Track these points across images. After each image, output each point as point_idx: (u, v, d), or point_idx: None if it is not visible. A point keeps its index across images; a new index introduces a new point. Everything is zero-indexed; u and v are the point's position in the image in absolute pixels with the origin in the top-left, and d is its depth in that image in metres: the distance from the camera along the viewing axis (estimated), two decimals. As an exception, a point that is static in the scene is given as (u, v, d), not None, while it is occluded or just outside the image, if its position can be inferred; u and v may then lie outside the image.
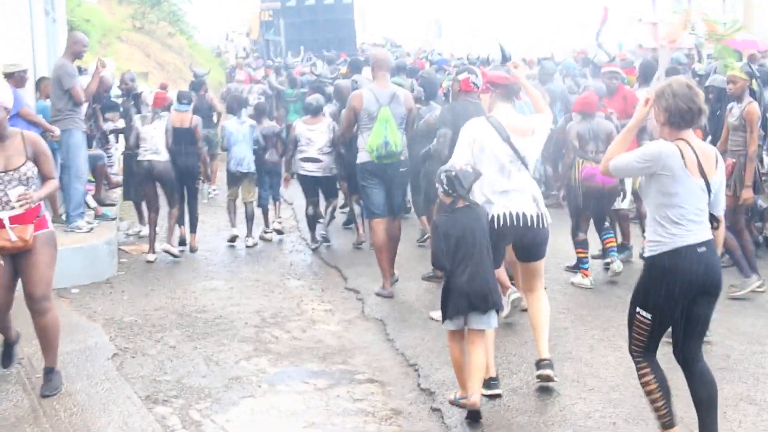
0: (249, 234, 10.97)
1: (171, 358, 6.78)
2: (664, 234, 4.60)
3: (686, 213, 4.57)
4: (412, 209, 10.98)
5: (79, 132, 9.80)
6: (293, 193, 13.10)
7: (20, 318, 6.33)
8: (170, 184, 10.20)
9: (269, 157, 11.23)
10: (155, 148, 10.04)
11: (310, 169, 10.47)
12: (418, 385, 6.15)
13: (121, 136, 12.24)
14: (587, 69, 14.46)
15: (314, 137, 10.37)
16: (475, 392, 5.42)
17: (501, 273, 6.81)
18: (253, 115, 11.58)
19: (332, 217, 11.12)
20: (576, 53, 19.01)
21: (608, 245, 8.89)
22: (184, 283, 9.15)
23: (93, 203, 10.96)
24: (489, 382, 5.77)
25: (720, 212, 4.79)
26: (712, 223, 4.71)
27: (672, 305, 4.63)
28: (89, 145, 10.79)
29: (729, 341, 6.91)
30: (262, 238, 11.18)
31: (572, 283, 8.64)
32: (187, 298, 8.56)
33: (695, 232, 4.58)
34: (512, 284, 7.35)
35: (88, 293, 8.70)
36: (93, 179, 11.27)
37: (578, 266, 8.74)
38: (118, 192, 12.39)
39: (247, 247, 10.82)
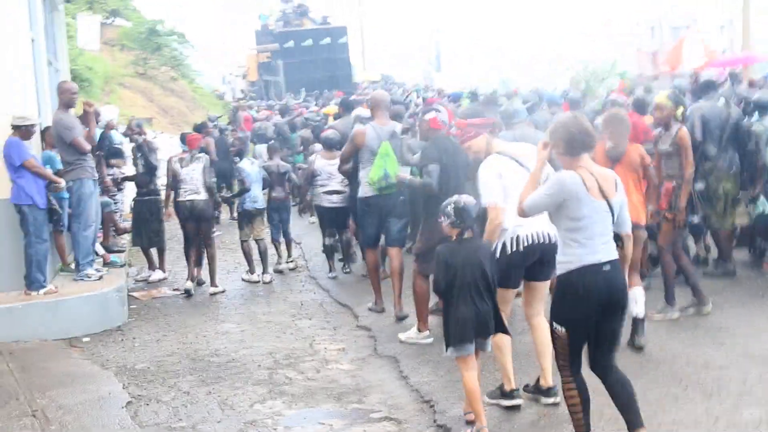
0: (265, 270, 11.34)
1: (185, 404, 6.74)
2: (572, 254, 5.03)
3: (592, 234, 5.00)
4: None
5: (89, 181, 9.83)
6: (300, 231, 13.13)
7: (32, 370, 6.30)
8: (209, 222, 10.83)
9: (276, 194, 11.66)
10: (195, 188, 10.56)
11: (335, 201, 10.84)
12: (435, 421, 6.09)
13: (129, 183, 12.31)
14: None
15: (334, 171, 10.58)
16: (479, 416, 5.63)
17: None
18: (268, 152, 12.07)
19: (350, 248, 11.38)
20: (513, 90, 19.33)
21: None
22: (196, 327, 9.13)
23: (101, 250, 10.97)
24: (512, 393, 6.13)
25: (626, 230, 5.19)
26: (617, 242, 5.12)
27: (581, 319, 5.04)
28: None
29: (745, 365, 6.84)
30: (276, 270, 11.65)
31: None
32: (199, 342, 8.54)
33: (600, 251, 5.01)
34: None
35: (99, 341, 8.68)
36: (100, 226, 11.28)
37: None
38: (126, 238, 12.41)
39: (265, 283, 11.12)
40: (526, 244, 6.10)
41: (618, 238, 5.14)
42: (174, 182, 10.62)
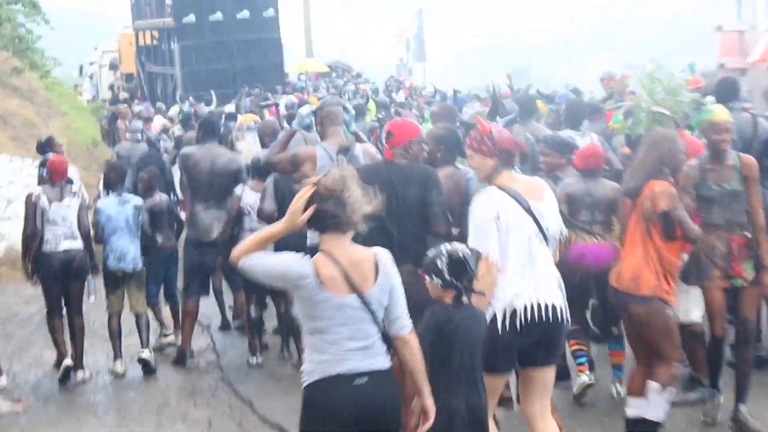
0: (144, 343, 11.47)
1: None
2: (313, 360, 5.54)
3: (335, 337, 5.47)
4: None
5: None
6: (208, 309, 12.82)
7: None
8: (83, 282, 11.18)
9: (164, 243, 11.96)
10: (71, 233, 10.98)
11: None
12: None
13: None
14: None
15: None
16: None
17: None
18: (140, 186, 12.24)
19: (291, 328, 11.23)
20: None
21: (613, 361, 9.38)
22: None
23: None
24: None
25: (400, 330, 5.63)
26: (389, 346, 5.61)
27: None
28: None
29: None
30: (160, 348, 12.16)
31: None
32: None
33: (351, 359, 5.46)
34: None
35: None
36: None
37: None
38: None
39: (140, 360, 11.29)
40: (523, 321, 6.47)
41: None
42: (35, 226, 10.83)
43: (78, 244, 10.98)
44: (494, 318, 6.44)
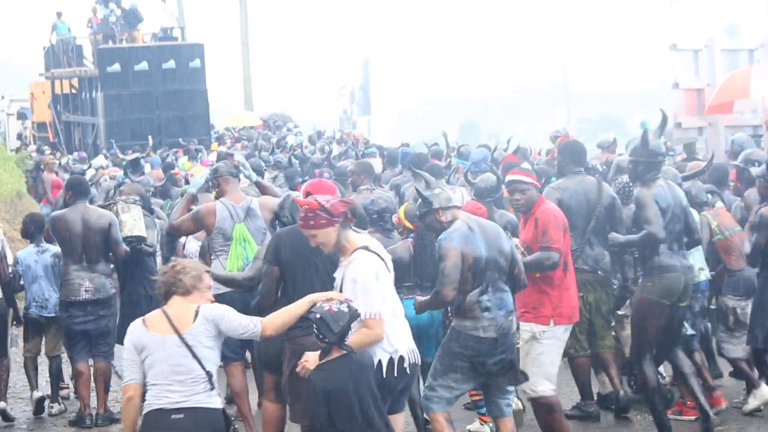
0: (54, 398, 12.04)
1: None
2: (148, 394, 6.84)
3: (160, 373, 6.74)
4: None
5: None
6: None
7: None
8: (5, 326, 11.63)
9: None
10: None
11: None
12: None
13: None
14: None
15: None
16: None
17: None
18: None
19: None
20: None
21: (474, 398, 10.23)
22: None
23: None
24: None
25: (255, 331, 6.97)
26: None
27: None
28: None
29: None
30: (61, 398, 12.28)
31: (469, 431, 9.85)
32: None
33: (174, 395, 6.72)
34: None
35: None
36: None
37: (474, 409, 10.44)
38: None
39: (51, 415, 11.77)
40: (411, 362, 7.54)
41: None
42: None
43: None
44: (379, 365, 7.36)
